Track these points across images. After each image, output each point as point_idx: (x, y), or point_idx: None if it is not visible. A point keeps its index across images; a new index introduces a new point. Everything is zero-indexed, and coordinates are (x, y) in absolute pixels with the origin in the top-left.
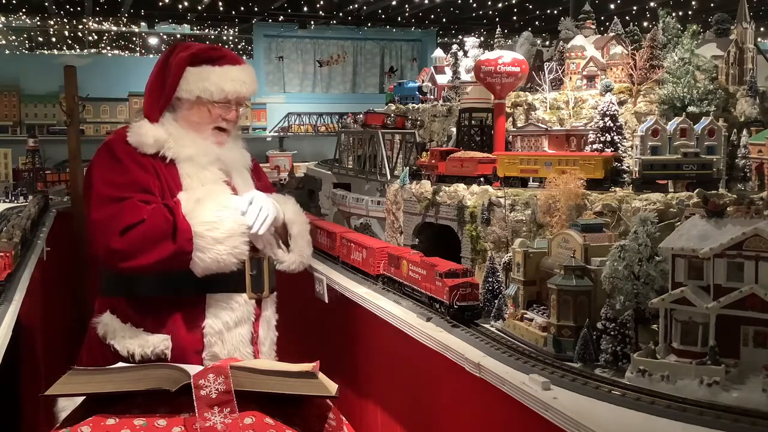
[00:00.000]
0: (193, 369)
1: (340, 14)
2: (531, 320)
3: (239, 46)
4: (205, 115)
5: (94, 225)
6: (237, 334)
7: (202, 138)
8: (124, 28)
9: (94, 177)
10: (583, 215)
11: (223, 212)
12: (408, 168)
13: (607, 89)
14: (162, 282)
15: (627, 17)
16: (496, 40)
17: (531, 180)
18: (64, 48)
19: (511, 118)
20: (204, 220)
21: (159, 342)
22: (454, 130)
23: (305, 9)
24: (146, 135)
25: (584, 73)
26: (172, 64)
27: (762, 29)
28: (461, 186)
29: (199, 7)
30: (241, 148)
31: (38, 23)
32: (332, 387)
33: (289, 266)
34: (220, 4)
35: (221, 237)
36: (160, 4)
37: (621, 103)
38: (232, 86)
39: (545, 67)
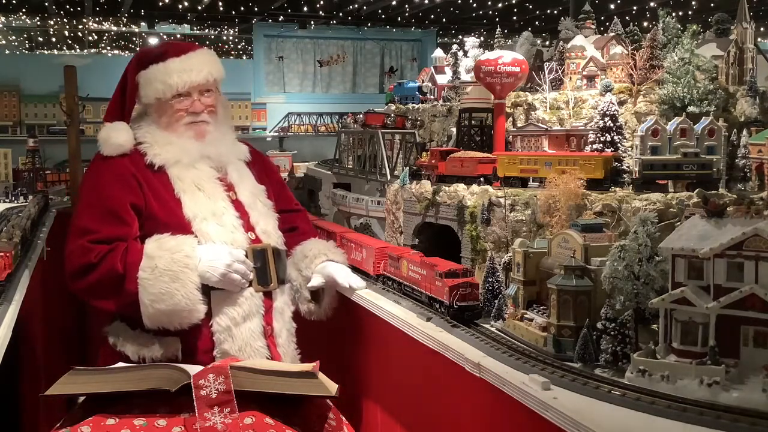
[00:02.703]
0: (193, 369)
1: (340, 14)
2: (531, 320)
3: (239, 46)
4: (170, 114)
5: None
6: (246, 328)
7: (177, 136)
8: (124, 28)
9: (77, 205)
10: (583, 215)
11: (175, 285)
12: (408, 168)
13: (607, 89)
14: None
15: (627, 17)
16: (496, 40)
17: (531, 180)
18: (64, 48)
19: (511, 118)
20: (151, 291)
21: (169, 345)
22: (454, 130)
23: (305, 9)
24: (113, 138)
25: (584, 73)
26: (126, 71)
27: (762, 29)
28: (461, 186)
29: (199, 7)
30: (233, 141)
31: (38, 23)
32: (332, 387)
33: (312, 317)
34: (220, 4)
35: (167, 311)
36: (160, 4)
37: (621, 103)
38: (178, 78)
39: (545, 67)
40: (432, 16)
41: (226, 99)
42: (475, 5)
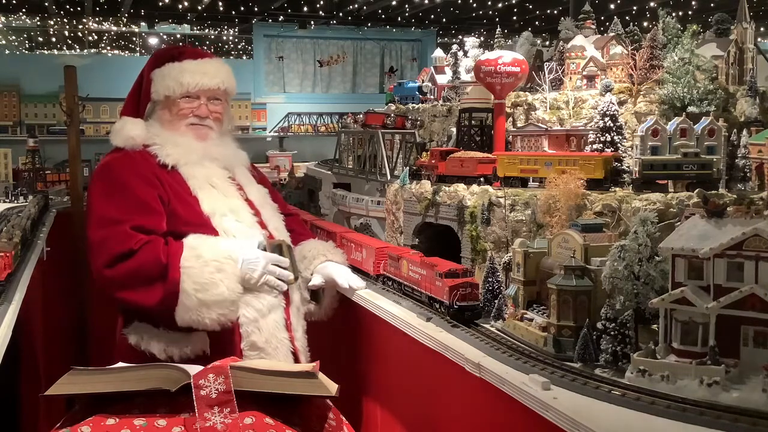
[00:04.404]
0: (193, 369)
1: (340, 14)
2: (531, 320)
3: (239, 46)
4: (176, 112)
5: (89, 246)
6: (272, 320)
7: (180, 135)
8: (124, 28)
9: (93, 197)
10: (583, 215)
11: (219, 275)
12: (408, 168)
13: (607, 89)
14: None
15: (627, 17)
16: (496, 40)
17: (531, 180)
18: (64, 48)
19: (511, 118)
20: (196, 279)
21: (198, 339)
22: (454, 130)
23: (305, 9)
24: (127, 129)
25: (584, 73)
26: (144, 70)
27: (762, 29)
28: (461, 186)
29: (199, 7)
30: (235, 147)
31: (38, 23)
32: (332, 387)
33: (312, 318)
34: (220, 4)
35: (209, 301)
36: (160, 4)
37: (621, 103)
38: (190, 78)
39: (545, 67)
40: (432, 16)
41: (232, 112)
42: (475, 5)
